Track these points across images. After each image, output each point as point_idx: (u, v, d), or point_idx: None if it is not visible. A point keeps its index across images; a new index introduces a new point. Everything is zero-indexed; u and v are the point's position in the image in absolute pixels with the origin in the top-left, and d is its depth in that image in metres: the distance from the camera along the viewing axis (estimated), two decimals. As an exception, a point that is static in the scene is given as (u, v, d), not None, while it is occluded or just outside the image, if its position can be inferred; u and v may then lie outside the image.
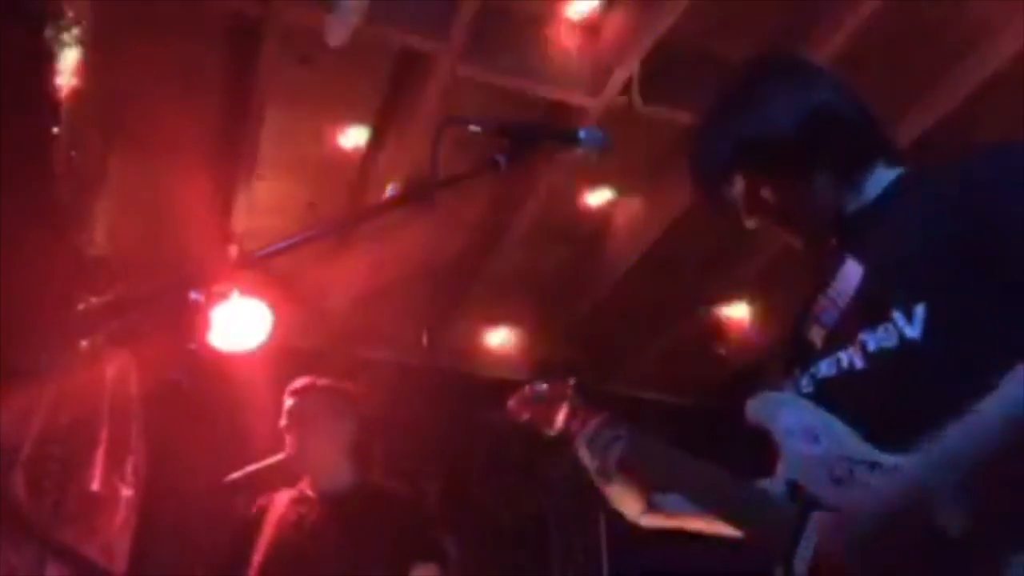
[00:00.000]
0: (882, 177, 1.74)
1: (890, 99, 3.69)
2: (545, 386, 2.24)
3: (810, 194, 1.73)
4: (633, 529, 2.18)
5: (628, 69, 3.67)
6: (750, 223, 1.80)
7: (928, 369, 1.54)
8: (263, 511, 3.22)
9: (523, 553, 5.08)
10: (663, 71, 3.71)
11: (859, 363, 1.64)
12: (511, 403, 2.29)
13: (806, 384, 1.73)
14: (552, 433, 2.18)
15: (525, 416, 2.26)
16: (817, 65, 1.98)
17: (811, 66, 1.91)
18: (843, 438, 1.60)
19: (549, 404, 2.20)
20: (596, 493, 2.13)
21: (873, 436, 1.57)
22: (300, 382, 3.34)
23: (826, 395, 1.68)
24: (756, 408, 1.74)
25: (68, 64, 3.00)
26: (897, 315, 1.57)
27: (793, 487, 1.66)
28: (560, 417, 2.15)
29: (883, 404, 1.58)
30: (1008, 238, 1.49)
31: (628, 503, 2.09)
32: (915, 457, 1.45)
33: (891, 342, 1.58)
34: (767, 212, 1.77)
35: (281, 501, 3.23)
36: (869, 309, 1.64)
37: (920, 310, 1.55)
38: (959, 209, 1.56)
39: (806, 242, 1.81)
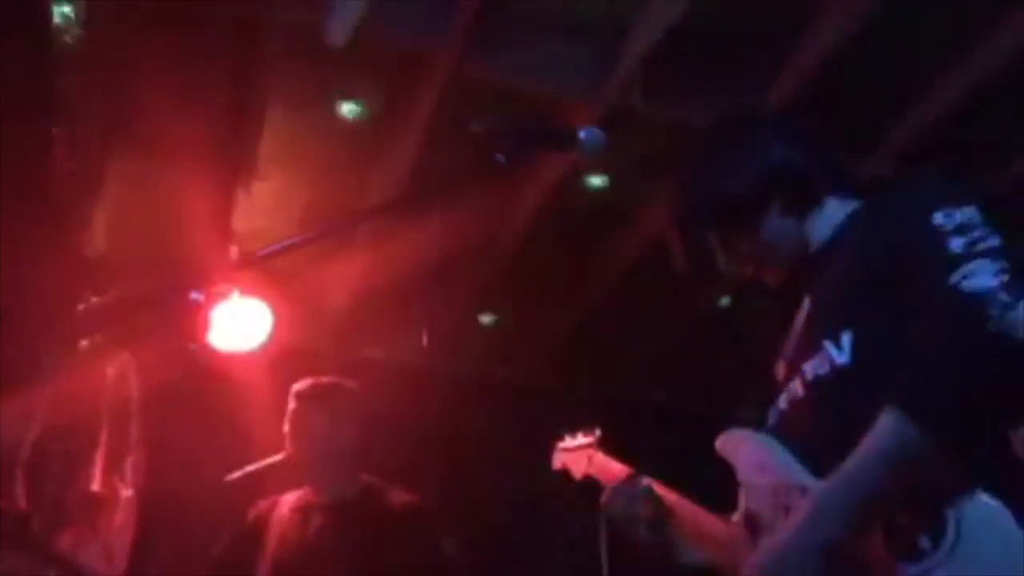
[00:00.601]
0: (837, 213, 1.85)
1: (891, 89, 3.68)
2: (578, 438, 2.59)
3: (763, 243, 1.86)
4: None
5: (628, 68, 3.68)
6: (725, 268, 1.94)
7: (856, 393, 1.64)
8: (267, 514, 3.20)
9: (523, 553, 5.08)
10: (663, 70, 3.71)
11: (801, 392, 1.76)
12: (555, 453, 2.64)
13: (772, 417, 1.85)
14: (577, 478, 2.50)
15: (559, 464, 2.61)
16: (775, 116, 2.12)
17: (768, 121, 2.06)
18: (788, 467, 1.73)
19: (577, 454, 2.52)
20: (596, 493, 2.25)
21: (810, 461, 1.69)
22: (302, 384, 3.30)
23: (783, 426, 1.81)
24: (721, 445, 1.88)
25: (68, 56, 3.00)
26: (828, 344, 1.70)
27: (751, 518, 1.79)
28: (582, 466, 2.47)
29: (818, 429, 1.71)
30: (908, 278, 1.61)
31: (681, 552, 2.18)
32: (798, 516, 1.59)
33: (824, 369, 1.70)
34: (736, 260, 1.91)
35: (286, 503, 3.21)
36: (808, 340, 1.77)
37: (846, 338, 1.67)
38: (878, 251, 1.69)
39: (778, 283, 1.93)
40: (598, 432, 2.51)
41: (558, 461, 2.61)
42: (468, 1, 3.43)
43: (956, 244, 1.56)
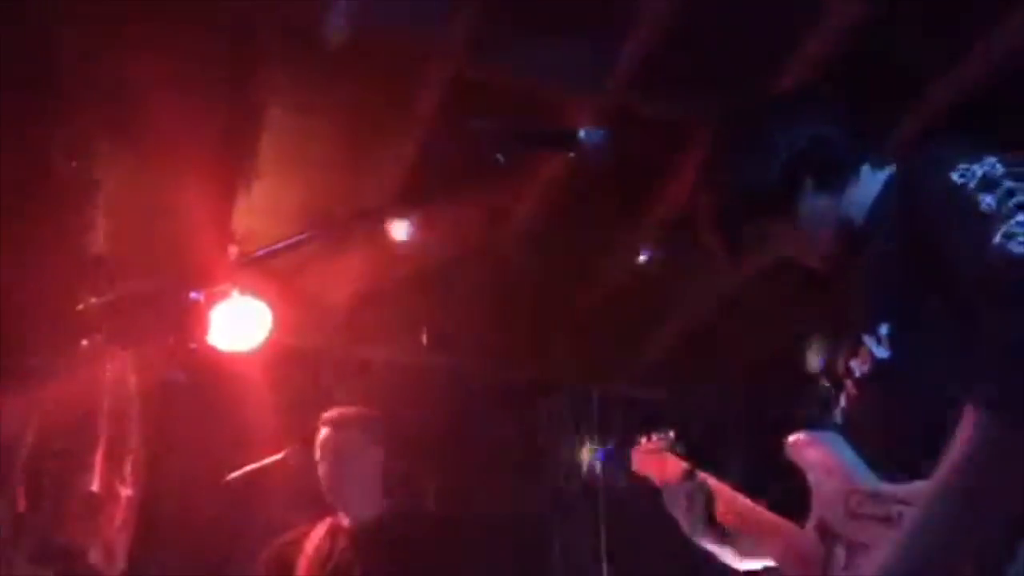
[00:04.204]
0: (874, 183, 1.75)
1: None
2: (653, 440, 2.48)
3: (802, 225, 1.79)
4: (632, 530, 2.24)
5: (628, 68, 3.68)
6: (767, 256, 1.88)
7: (901, 387, 1.58)
8: (300, 541, 3.31)
9: (523, 553, 5.08)
10: (663, 70, 3.71)
11: (853, 391, 1.69)
12: (633, 456, 2.52)
13: (838, 416, 1.77)
14: (658, 485, 2.37)
15: (637, 468, 2.49)
16: (794, 91, 2.04)
17: (787, 98, 1.99)
18: (853, 470, 1.65)
19: (654, 457, 2.41)
20: (596, 493, 2.23)
21: (873, 463, 1.61)
22: (331, 412, 3.42)
23: (847, 427, 1.73)
24: (791, 449, 1.80)
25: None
26: (868, 339, 1.62)
27: (820, 523, 1.71)
28: (658, 471, 2.35)
29: (874, 428, 1.64)
30: (936, 248, 1.50)
31: (724, 554, 2.15)
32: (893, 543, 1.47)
33: (868, 366, 1.63)
34: (779, 247, 1.85)
35: (318, 531, 3.32)
36: (851, 336, 1.69)
37: (884, 330, 1.59)
38: (901, 224, 1.60)
39: (824, 267, 1.84)
40: (671, 434, 2.43)
41: (636, 466, 2.51)
42: (468, 1, 3.43)
43: (986, 201, 1.43)
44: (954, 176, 1.49)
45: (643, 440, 2.49)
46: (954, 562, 1.38)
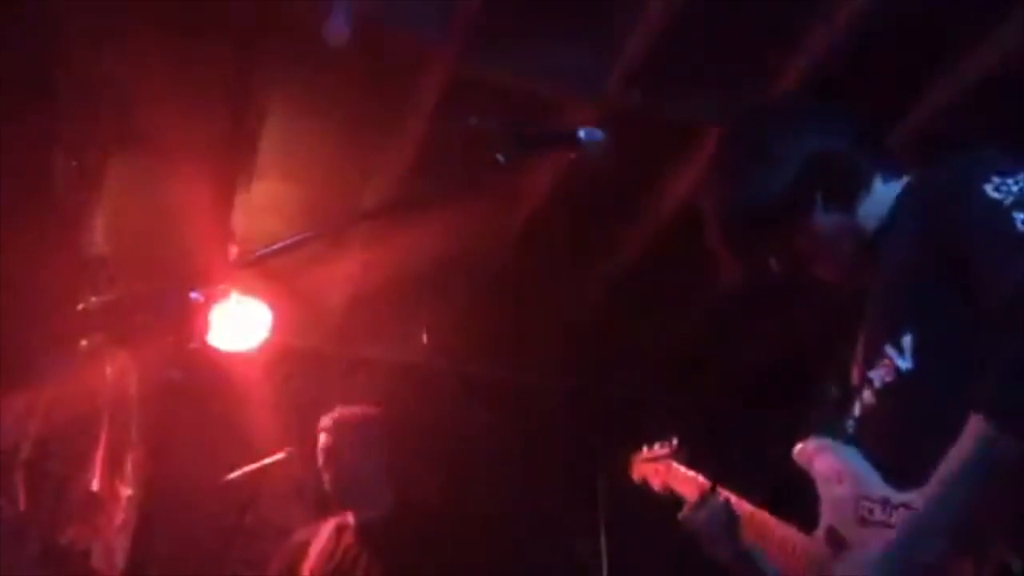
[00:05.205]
0: (887, 195, 1.74)
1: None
2: (655, 448, 2.48)
3: (817, 238, 1.77)
4: (632, 530, 2.24)
5: (628, 67, 3.68)
6: (779, 270, 1.85)
7: (924, 397, 1.58)
8: (309, 539, 3.35)
9: (523, 553, 5.07)
10: (663, 69, 3.71)
11: (872, 400, 1.69)
12: (634, 464, 2.54)
13: (850, 425, 1.76)
14: (657, 490, 2.41)
15: (638, 476, 2.51)
16: (801, 103, 2.02)
17: (794, 110, 1.96)
18: (864, 477, 1.65)
19: (655, 465, 2.43)
20: (595, 492, 2.24)
21: (887, 471, 1.62)
22: (329, 418, 3.45)
23: (859, 435, 1.73)
24: (799, 455, 1.81)
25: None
26: (889, 349, 1.62)
27: (830, 530, 1.71)
28: (660, 478, 2.37)
29: (891, 438, 1.63)
30: (967, 262, 1.50)
31: (742, 571, 2.14)
32: (889, 537, 1.49)
33: (890, 376, 1.63)
34: (790, 261, 1.83)
35: (323, 533, 3.35)
36: (872, 346, 1.69)
37: (908, 340, 1.59)
38: (926, 235, 1.59)
39: (836, 278, 1.84)
40: (675, 442, 2.41)
41: (637, 473, 2.52)
42: (468, 1, 3.43)
43: (1021, 219, 1.43)
44: (988, 189, 1.49)
45: (644, 448, 2.50)
46: (938, 557, 1.41)
